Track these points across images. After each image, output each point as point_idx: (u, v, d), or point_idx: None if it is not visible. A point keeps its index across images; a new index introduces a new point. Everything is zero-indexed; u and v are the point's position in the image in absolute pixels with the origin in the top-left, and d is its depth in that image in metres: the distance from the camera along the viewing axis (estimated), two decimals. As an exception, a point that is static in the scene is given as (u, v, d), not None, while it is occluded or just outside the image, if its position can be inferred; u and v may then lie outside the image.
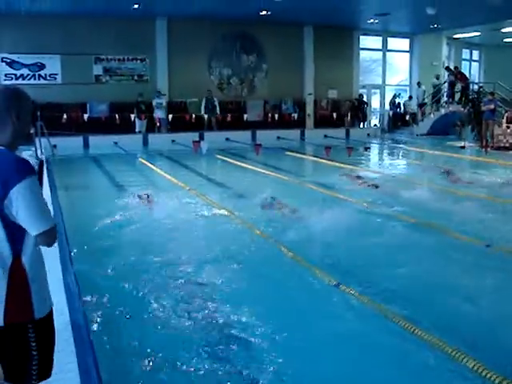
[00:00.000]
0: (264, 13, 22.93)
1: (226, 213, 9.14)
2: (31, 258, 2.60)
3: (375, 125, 29.64)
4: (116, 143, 20.87)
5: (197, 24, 24.34)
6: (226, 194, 11.11)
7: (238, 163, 15.80)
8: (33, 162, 2.58)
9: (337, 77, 28.10)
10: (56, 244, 5.89)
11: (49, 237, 2.58)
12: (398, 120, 28.55)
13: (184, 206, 9.71)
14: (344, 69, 28.38)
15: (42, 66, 23.18)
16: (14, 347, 2.60)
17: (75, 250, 6.76)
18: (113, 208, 9.33)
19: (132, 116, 23.22)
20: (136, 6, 21.20)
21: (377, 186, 11.49)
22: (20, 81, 22.75)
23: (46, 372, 2.74)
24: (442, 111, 25.54)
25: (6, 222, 2.50)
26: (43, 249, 2.70)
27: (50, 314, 2.73)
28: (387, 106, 29.46)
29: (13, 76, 22.82)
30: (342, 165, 14.86)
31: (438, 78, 27.41)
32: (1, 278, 2.53)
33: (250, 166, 14.92)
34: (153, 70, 24.82)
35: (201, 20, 24.06)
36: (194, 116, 24.53)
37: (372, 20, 25.29)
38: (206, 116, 24.25)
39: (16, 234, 2.54)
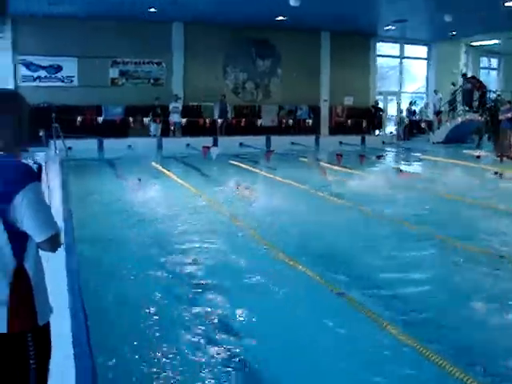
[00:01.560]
0: (280, 18, 22.94)
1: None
2: (34, 264, 2.56)
3: (391, 132, 29.48)
4: (130, 146, 20.91)
5: (213, 28, 24.42)
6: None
7: (249, 168, 15.77)
8: (32, 166, 2.54)
9: (353, 83, 28.03)
10: (63, 246, 6.00)
11: (53, 243, 2.54)
12: (413, 127, 28.38)
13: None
14: (360, 75, 28.31)
15: (58, 68, 23.35)
16: (12, 355, 2.54)
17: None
18: (116, 207, 10.16)
19: (146, 119, 23.27)
20: (152, 10, 21.30)
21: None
22: (37, 82, 22.98)
23: (43, 381, 2.68)
24: (459, 119, 25.30)
25: (9, 228, 2.45)
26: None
27: (49, 322, 2.68)
28: (403, 114, 29.26)
29: (30, 78, 23.00)
30: (350, 170, 14.92)
31: (454, 84, 27.20)
32: (4, 285, 2.49)
33: (260, 172, 14.93)
34: (168, 74, 24.91)
35: (217, 24, 24.13)
36: (207, 120, 24.52)
37: (389, 27, 25.18)
38: (219, 120, 24.24)
39: (19, 241, 2.49)
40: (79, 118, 22.74)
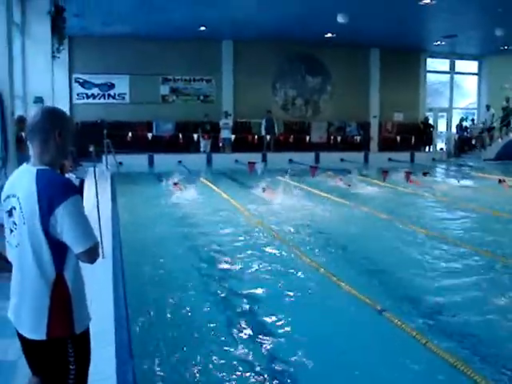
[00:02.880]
0: (329, 35, 23.00)
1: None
2: (73, 274, 2.69)
3: (441, 149, 29.07)
4: (180, 162, 21.18)
5: (262, 45, 24.67)
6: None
7: (293, 183, 15.84)
8: (74, 180, 2.68)
9: (403, 99, 27.83)
10: (110, 255, 6.19)
11: (91, 254, 2.65)
12: (464, 144, 27.89)
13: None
14: (410, 91, 28.08)
15: (111, 86, 24.01)
16: (53, 361, 2.68)
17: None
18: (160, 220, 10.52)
19: (196, 135, 23.57)
20: (203, 29, 21.68)
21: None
22: (91, 100, 23.68)
23: None
24: (511, 135, 24.73)
25: (50, 239, 2.59)
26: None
27: (88, 328, 2.80)
28: (454, 130, 28.84)
29: (84, 95, 23.72)
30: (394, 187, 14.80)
31: (507, 100, 26.62)
32: (44, 294, 2.62)
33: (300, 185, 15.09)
34: (218, 91, 25.26)
35: (266, 41, 24.37)
36: (256, 136, 24.71)
37: (439, 42, 24.93)
38: (267, 137, 24.36)
39: (59, 251, 2.63)
40: (130, 134, 23.24)
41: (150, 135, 23.66)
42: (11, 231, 2.69)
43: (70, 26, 18.89)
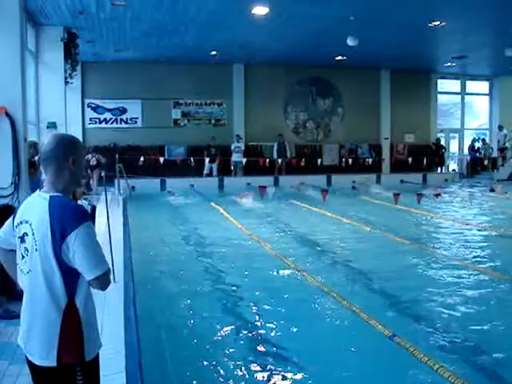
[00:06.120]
0: (339, 58, 23.13)
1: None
2: (84, 301, 2.67)
3: (453, 170, 28.99)
4: (192, 185, 21.25)
5: (273, 69, 24.85)
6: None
7: (304, 205, 15.92)
8: (86, 207, 2.69)
9: (414, 121, 27.84)
10: (122, 279, 6.18)
11: (102, 281, 2.64)
12: (477, 165, 27.77)
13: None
14: (421, 113, 28.08)
15: (123, 111, 24.18)
16: None
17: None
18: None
19: (207, 160, 23.62)
20: (214, 53, 21.89)
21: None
22: (103, 124, 23.87)
23: None
24: (524, 155, 24.65)
25: (62, 266, 2.58)
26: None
27: (98, 355, 2.77)
28: (466, 151, 28.76)
29: (96, 120, 23.93)
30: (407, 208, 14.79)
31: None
32: (55, 320, 2.61)
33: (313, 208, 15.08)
34: (230, 114, 25.37)
35: (277, 65, 24.56)
36: (268, 160, 24.71)
37: (449, 63, 24.97)
38: (279, 160, 24.38)
39: (71, 278, 2.62)
40: (142, 158, 23.27)
41: (162, 159, 23.68)
42: (23, 257, 2.69)
43: (83, 52, 19.19)
